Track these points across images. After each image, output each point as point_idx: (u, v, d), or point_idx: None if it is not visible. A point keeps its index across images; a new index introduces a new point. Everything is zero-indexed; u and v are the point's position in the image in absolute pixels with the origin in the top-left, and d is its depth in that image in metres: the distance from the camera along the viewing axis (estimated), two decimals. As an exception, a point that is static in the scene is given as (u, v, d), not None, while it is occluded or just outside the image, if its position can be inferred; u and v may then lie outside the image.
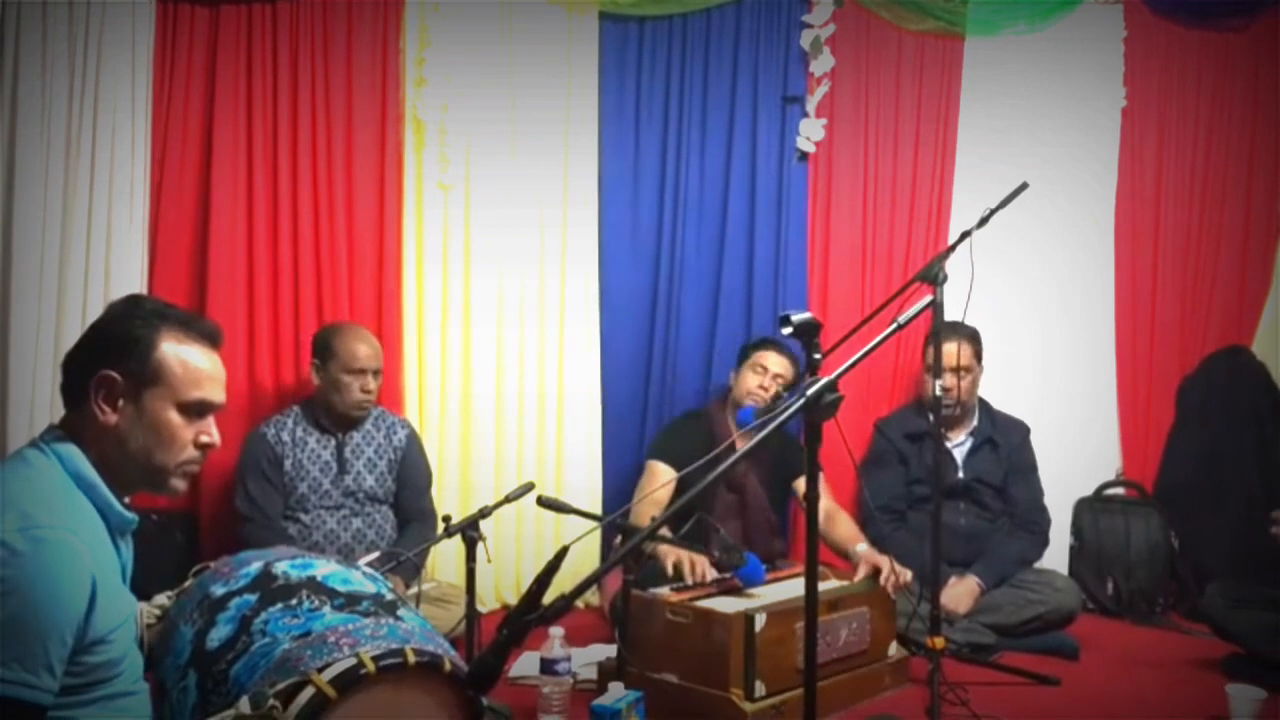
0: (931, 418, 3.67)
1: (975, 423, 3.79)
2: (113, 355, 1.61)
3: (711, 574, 3.02)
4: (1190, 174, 4.32)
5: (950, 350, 3.35)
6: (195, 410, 1.66)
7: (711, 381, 3.93)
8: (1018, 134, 4.16)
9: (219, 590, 1.84)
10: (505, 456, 3.79)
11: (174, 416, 1.63)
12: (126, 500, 1.66)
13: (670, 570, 3.07)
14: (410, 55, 3.64)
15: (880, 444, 3.84)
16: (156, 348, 1.62)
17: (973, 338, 3.65)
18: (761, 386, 3.50)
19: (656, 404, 3.95)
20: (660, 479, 3.44)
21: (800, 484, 3.56)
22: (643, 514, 3.27)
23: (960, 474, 3.71)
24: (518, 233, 3.79)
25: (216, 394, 1.69)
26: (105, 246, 3.29)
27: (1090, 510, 4.19)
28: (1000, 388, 3.99)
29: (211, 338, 1.70)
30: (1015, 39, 4.14)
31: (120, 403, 1.60)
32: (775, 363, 3.53)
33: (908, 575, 3.09)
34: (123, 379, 1.60)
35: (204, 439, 1.68)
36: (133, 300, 1.71)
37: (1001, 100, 4.16)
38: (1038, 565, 3.68)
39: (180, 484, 1.68)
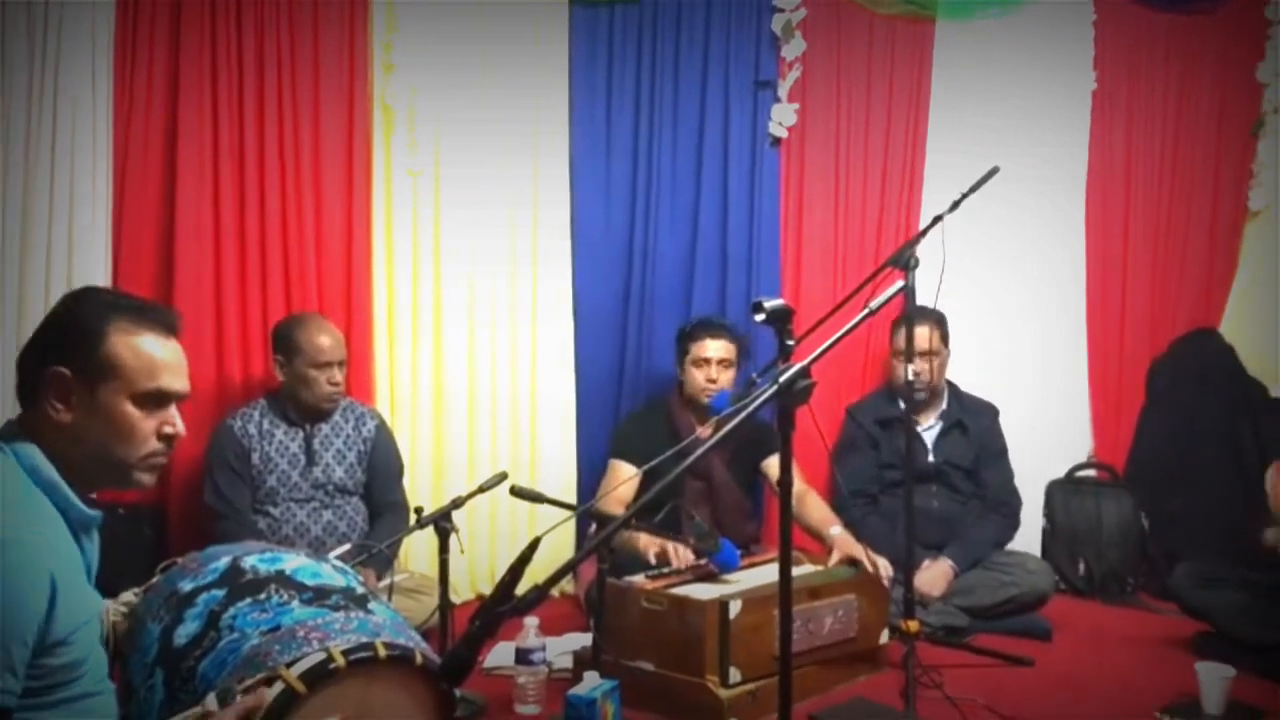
0: (902, 404, 3.70)
1: (944, 406, 3.80)
2: (62, 350, 1.56)
3: (691, 559, 3.02)
4: (1159, 156, 4.34)
5: (919, 334, 3.34)
6: (153, 401, 1.60)
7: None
8: (989, 118, 4.16)
9: (186, 586, 1.82)
10: (479, 445, 3.78)
11: (130, 409, 1.58)
12: (93, 496, 1.63)
13: (654, 560, 3.06)
14: (378, 39, 3.60)
15: (851, 429, 3.85)
16: (105, 339, 1.57)
17: (939, 321, 3.65)
18: (710, 379, 3.50)
19: (630, 395, 3.95)
20: (622, 478, 3.43)
21: (769, 465, 3.57)
22: (607, 511, 3.25)
23: (931, 457, 3.73)
24: (489, 216, 3.76)
25: (175, 383, 1.63)
26: (67, 238, 3.22)
27: (1062, 492, 4.22)
28: (972, 370, 4.02)
29: (167, 325, 1.65)
30: (986, 22, 4.15)
31: (73, 399, 1.55)
32: (713, 349, 3.53)
33: (886, 568, 3.09)
34: (73, 374, 1.55)
35: (167, 430, 1.62)
36: (83, 292, 1.67)
37: (973, 84, 4.17)
38: (1010, 547, 3.70)
39: (146, 478, 1.62)
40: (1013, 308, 4.23)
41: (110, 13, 3.25)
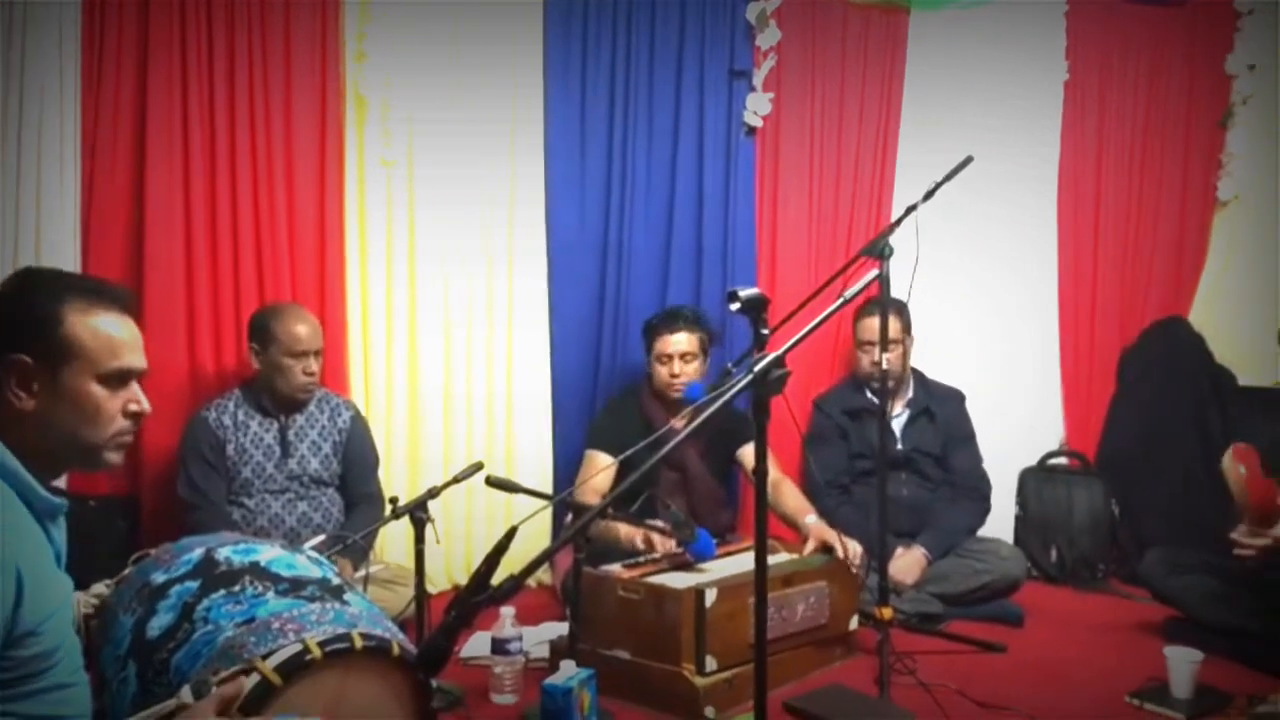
0: (869, 394, 3.73)
1: (910, 394, 3.83)
2: (17, 337, 1.52)
3: (673, 547, 3.04)
4: (1130, 147, 4.38)
5: (878, 323, 3.30)
6: (117, 379, 1.58)
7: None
8: (962, 108, 4.19)
9: (159, 578, 1.81)
10: (454, 436, 3.77)
11: (97, 390, 1.56)
12: (62, 481, 1.61)
13: (642, 546, 3.07)
14: (350, 30, 3.56)
15: (820, 421, 3.86)
16: (63, 322, 1.54)
17: (900, 310, 3.61)
18: (674, 375, 3.50)
19: (606, 388, 3.93)
20: (598, 468, 3.43)
21: (743, 453, 3.58)
22: (583, 501, 3.25)
23: (899, 445, 3.75)
24: (463, 211, 3.74)
25: (137, 360, 1.62)
26: (35, 231, 3.17)
27: (1034, 480, 4.26)
28: (945, 360, 4.05)
29: (121, 302, 1.62)
30: (959, 12, 4.17)
31: (35, 386, 1.52)
32: (675, 344, 3.50)
33: (858, 550, 3.12)
34: (33, 361, 1.52)
35: (133, 408, 1.60)
36: (28, 275, 1.63)
37: (946, 73, 4.19)
38: (983, 535, 3.74)
39: (115, 457, 1.61)
40: (984, 297, 4.26)
41: (77, 5, 3.19)
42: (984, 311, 4.27)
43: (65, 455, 1.58)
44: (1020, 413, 4.29)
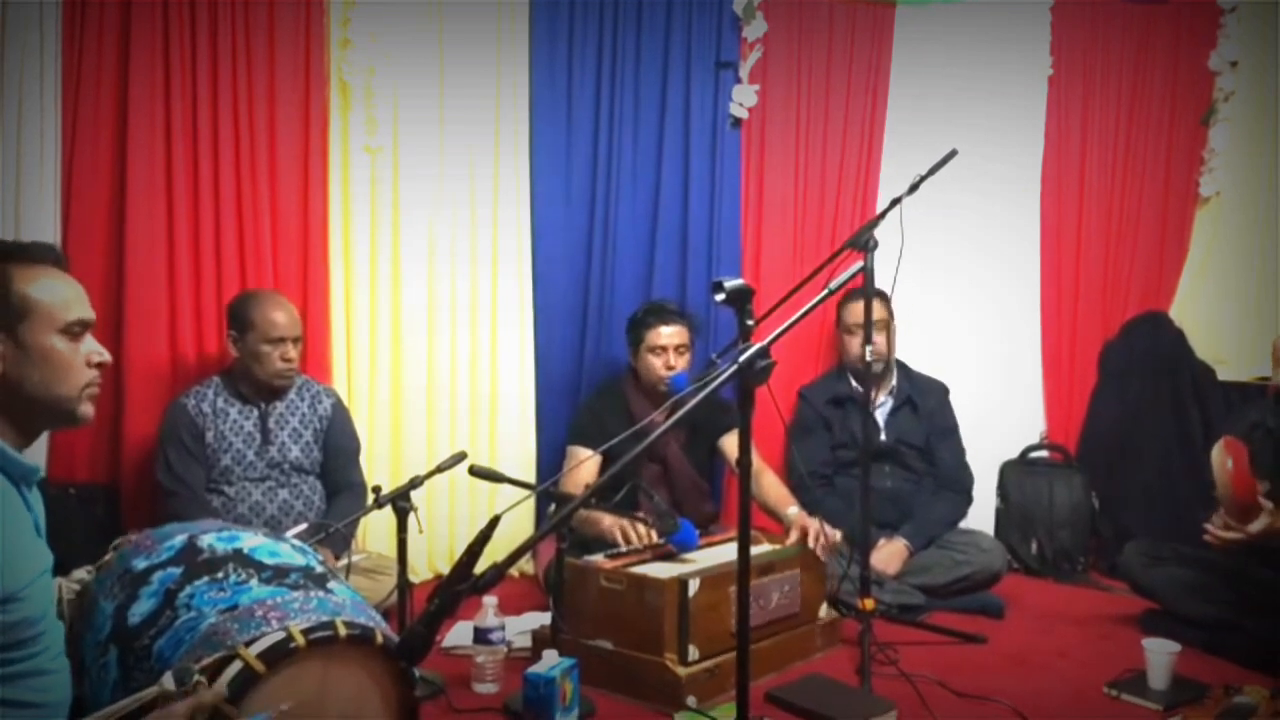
0: (854, 382, 3.74)
1: (894, 383, 3.84)
2: None
3: (655, 537, 3.04)
4: (1113, 142, 4.40)
5: (862, 307, 3.28)
6: (77, 331, 1.64)
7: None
8: (947, 101, 4.19)
9: (141, 564, 1.80)
10: (437, 426, 3.76)
11: (60, 343, 1.61)
12: (42, 468, 1.62)
13: (621, 541, 3.07)
14: (335, 15, 3.54)
15: (804, 412, 3.88)
16: (12, 284, 1.59)
17: (882, 295, 3.57)
18: (668, 366, 3.50)
19: (591, 377, 3.93)
20: (581, 461, 3.42)
21: (726, 442, 3.59)
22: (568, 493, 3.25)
23: (883, 436, 3.76)
24: (447, 201, 3.73)
25: (88, 311, 1.68)
26: (15, 217, 3.13)
27: (1015, 472, 4.28)
28: (928, 353, 4.06)
29: (56, 259, 1.68)
30: (945, 6, 4.18)
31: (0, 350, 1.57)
32: (668, 336, 3.51)
33: (836, 535, 3.13)
34: None
35: (96, 358, 1.66)
36: None
37: (931, 68, 4.20)
38: (965, 527, 3.76)
39: (89, 409, 1.66)
40: (967, 290, 4.28)
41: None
42: (967, 304, 4.28)
43: (40, 414, 1.61)
44: (1002, 405, 4.31)
